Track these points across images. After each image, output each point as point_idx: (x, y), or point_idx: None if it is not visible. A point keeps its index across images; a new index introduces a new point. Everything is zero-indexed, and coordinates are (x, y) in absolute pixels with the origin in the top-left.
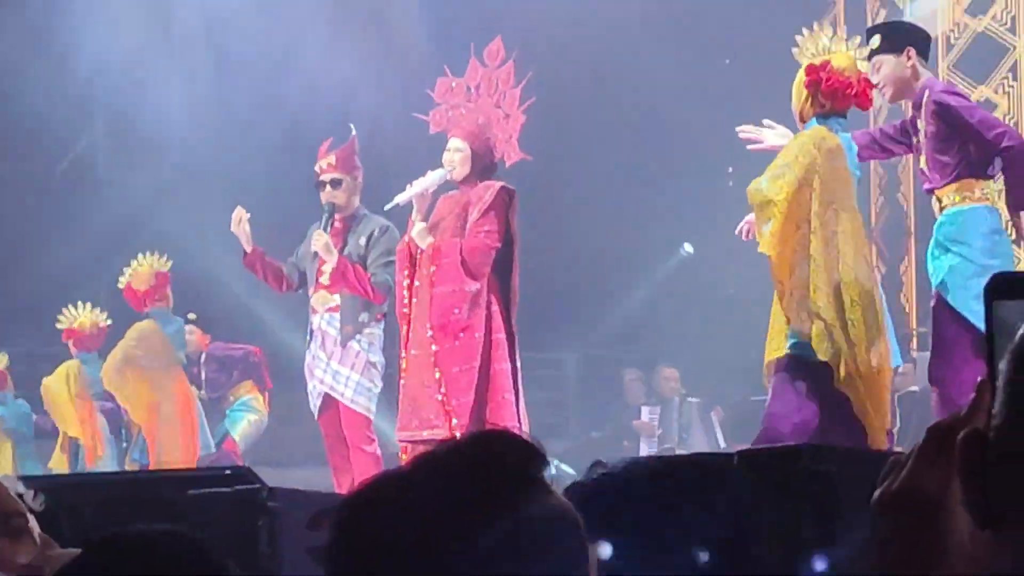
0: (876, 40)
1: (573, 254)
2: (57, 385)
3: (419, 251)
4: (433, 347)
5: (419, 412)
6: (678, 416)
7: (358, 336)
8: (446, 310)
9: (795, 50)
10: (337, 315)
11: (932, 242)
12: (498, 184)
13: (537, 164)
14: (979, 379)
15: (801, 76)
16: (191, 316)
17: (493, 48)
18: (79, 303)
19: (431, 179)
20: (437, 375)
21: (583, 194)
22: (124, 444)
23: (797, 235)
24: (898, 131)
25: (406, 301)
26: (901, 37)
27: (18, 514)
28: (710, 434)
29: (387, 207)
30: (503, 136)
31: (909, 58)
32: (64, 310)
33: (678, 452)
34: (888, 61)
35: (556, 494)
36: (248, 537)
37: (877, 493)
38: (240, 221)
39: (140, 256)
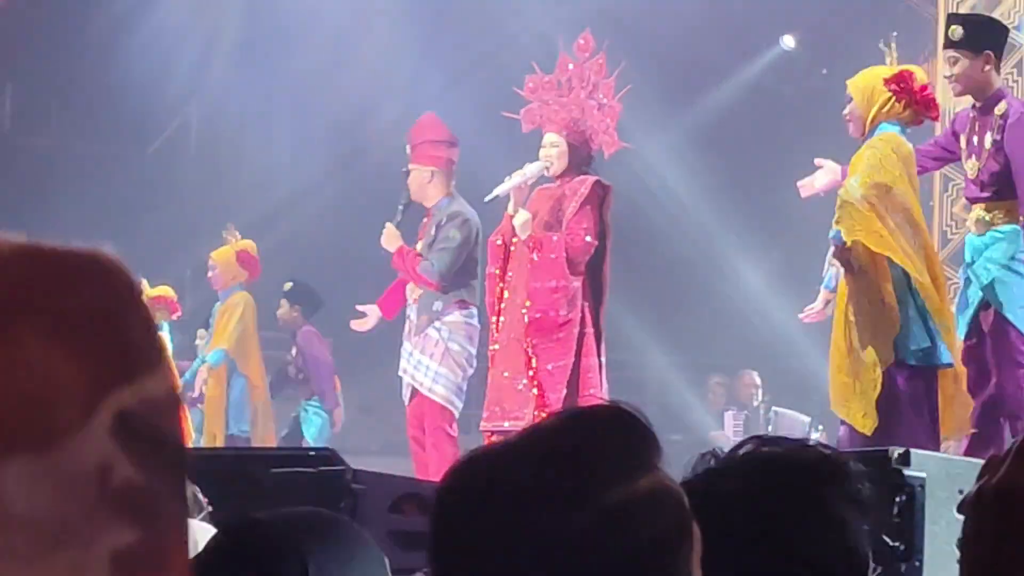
0: (958, 32)
1: (660, 254)
2: None
3: (512, 243)
4: (532, 341)
5: (503, 403)
6: (761, 423)
7: (438, 325)
8: (548, 306)
9: (887, 54)
10: (417, 306)
11: (975, 253)
12: (592, 178)
13: (629, 159)
14: None
15: (877, 81)
16: (287, 286)
17: (582, 42)
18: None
19: (529, 172)
20: (532, 372)
21: (673, 195)
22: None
23: (902, 234)
24: (938, 147)
25: (497, 293)
26: (984, 37)
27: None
28: None
29: (487, 199)
30: (599, 127)
31: (988, 63)
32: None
33: None
34: (965, 59)
35: (661, 471)
36: None
37: (973, 491)
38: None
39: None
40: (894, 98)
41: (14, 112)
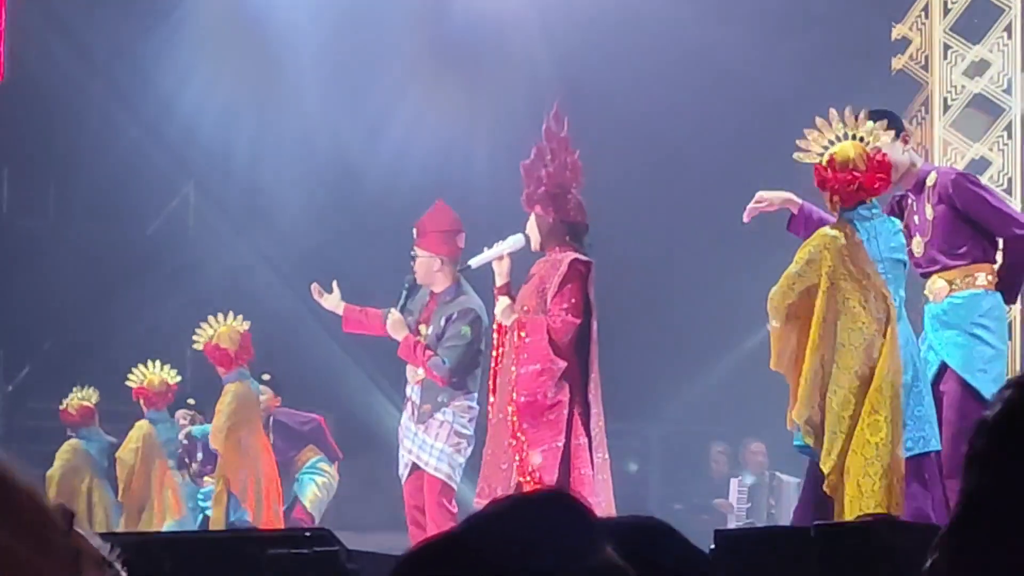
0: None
1: (657, 325)
2: (128, 455)
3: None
4: (522, 425)
5: (498, 480)
6: (768, 491)
7: (443, 409)
8: (535, 389)
9: (797, 155)
10: (420, 389)
11: (934, 321)
12: (571, 256)
13: (621, 232)
14: None
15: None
16: (265, 377)
17: (554, 114)
18: (150, 362)
19: (508, 244)
20: (519, 456)
21: (669, 265)
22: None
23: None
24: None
25: (491, 373)
26: (893, 123)
27: (109, 565)
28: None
29: (460, 268)
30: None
31: (904, 143)
32: (134, 369)
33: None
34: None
35: (606, 552)
36: None
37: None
38: (320, 295)
39: (219, 316)
40: (825, 187)
41: (11, 193)
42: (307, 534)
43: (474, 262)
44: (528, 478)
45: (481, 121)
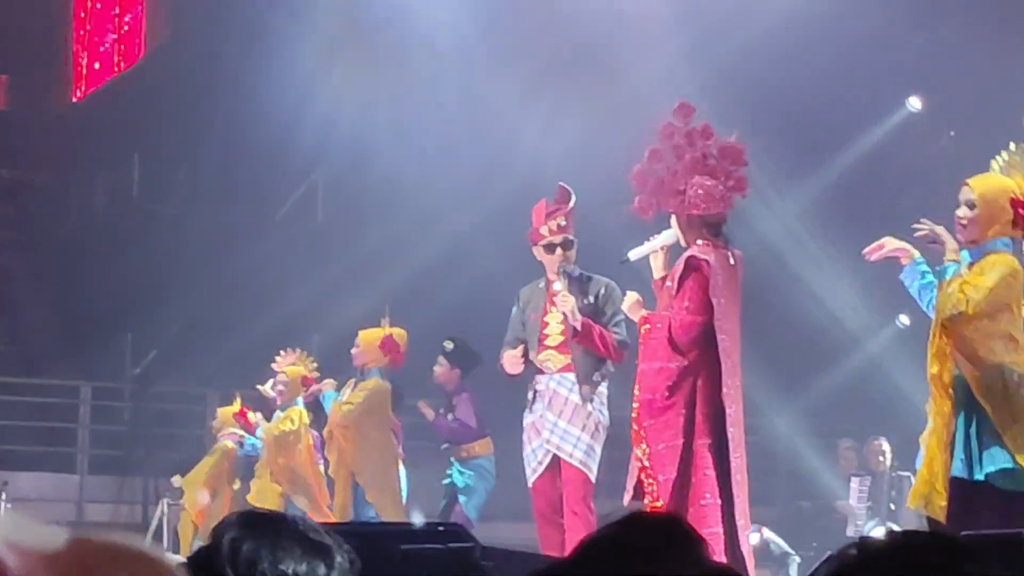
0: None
1: (789, 320)
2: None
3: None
4: (642, 422)
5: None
6: (888, 489)
7: (592, 397)
8: (654, 388)
9: (1001, 164)
10: (569, 375)
11: None
12: (686, 255)
13: (756, 223)
14: None
15: (1005, 197)
16: (448, 345)
17: (678, 109)
18: (285, 351)
19: (663, 238)
20: (642, 451)
21: (802, 259)
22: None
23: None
24: None
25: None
26: None
27: None
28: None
29: (621, 261)
30: (714, 192)
31: None
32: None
33: (887, 527)
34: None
35: (719, 568)
36: None
37: None
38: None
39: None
40: (1014, 219)
41: (142, 179)
42: (440, 528)
43: (633, 254)
44: (647, 477)
45: (620, 119)
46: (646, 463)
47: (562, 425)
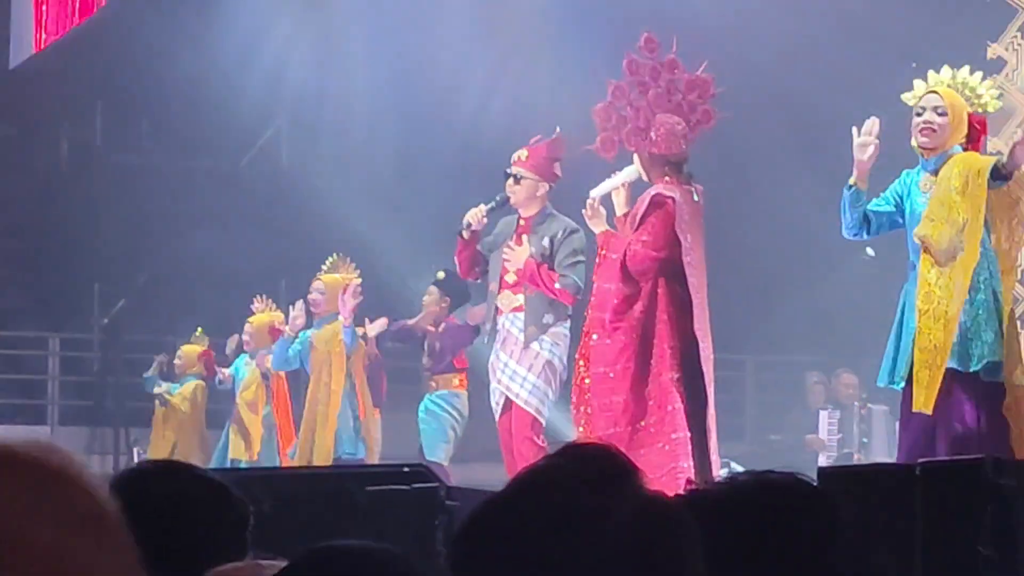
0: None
1: (754, 255)
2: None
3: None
4: (589, 339)
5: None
6: (858, 422)
7: (541, 337)
8: (602, 306)
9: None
10: (521, 315)
11: None
12: (651, 192)
13: (723, 165)
14: None
15: (964, 112)
16: (440, 275)
17: (644, 43)
18: (258, 298)
19: (624, 174)
20: (582, 368)
21: (767, 196)
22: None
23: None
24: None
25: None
26: None
27: None
28: (892, 442)
29: (587, 201)
30: (676, 129)
31: None
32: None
33: (857, 459)
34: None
35: (652, 497)
36: (425, 535)
37: None
38: None
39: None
40: (968, 134)
41: (105, 128)
42: (405, 469)
43: (595, 192)
44: (584, 406)
45: (564, 68)
46: (586, 382)
47: (512, 366)
